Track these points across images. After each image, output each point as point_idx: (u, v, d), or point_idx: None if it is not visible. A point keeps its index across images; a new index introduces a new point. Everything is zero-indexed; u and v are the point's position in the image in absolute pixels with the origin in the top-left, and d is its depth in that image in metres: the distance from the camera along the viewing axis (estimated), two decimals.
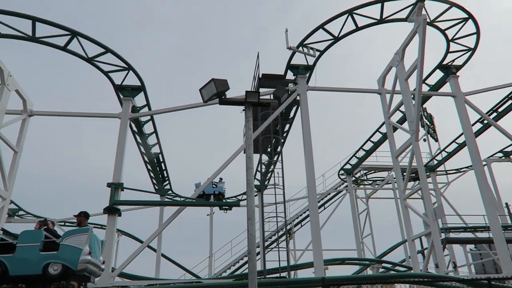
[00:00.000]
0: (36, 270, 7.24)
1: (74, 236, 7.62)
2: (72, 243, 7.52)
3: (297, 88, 13.44)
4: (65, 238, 7.58)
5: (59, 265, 7.23)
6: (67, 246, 7.47)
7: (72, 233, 7.67)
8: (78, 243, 7.54)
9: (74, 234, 7.66)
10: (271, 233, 21.61)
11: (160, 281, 11.74)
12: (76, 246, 7.50)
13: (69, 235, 7.64)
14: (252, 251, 7.59)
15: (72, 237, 7.61)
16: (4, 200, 11.94)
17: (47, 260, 7.28)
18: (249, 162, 8.20)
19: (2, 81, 11.39)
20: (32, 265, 7.30)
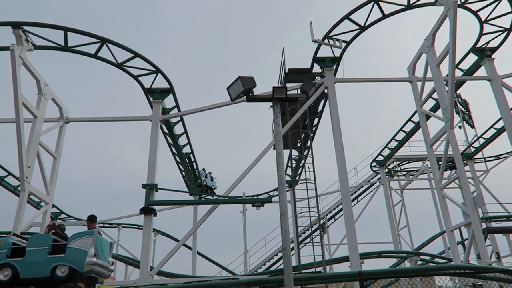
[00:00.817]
0: (45, 273, 7.54)
1: (80, 239, 7.85)
2: (78, 246, 7.76)
3: (324, 81, 13.29)
4: (72, 241, 7.86)
5: (66, 268, 7.52)
6: (73, 249, 7.72)
7: (78, 236, 7.93)
8: (84, 245, 7.77)
9: (80, 237, 7.91)
10: (304, 228, 21.50)
11: (197, 279, 11.96)
12: (82, 248, 7.72)
13: (75, 238, 7.91)
14: (287, 246, 7.59)
15: (78, 240, 7.85)
16: (47, 205, 12.49)
17: (55, 263, 7.57)
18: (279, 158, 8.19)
19: (39, 91, 11.91)
20: (41, 268, 7.60)
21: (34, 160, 11.53)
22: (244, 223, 23.55)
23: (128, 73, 12.88)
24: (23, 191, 11.10)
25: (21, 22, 10.81)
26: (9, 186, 18.00)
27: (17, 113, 10.69)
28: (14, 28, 10.77)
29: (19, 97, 10.66)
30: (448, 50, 11.67)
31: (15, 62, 10.51)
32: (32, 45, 11.31)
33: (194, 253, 20.05)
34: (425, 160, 23.02)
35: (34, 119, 11.72)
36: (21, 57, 10.79)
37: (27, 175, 11.09)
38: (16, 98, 10.63)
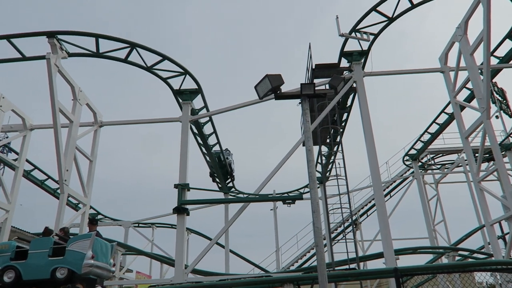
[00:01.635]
0: (45, 275, 7.81)
1: (78, 241, 8.12)
2: (77, 249, 8.00)
3: (352, 75, 13.09)
4: (71, 243, 8.13)
5: (66, 269, 7.77)
6: (72, 251, 7.97)
7: (77, 239, 8.26)
8: (82, 248, 7.99)
9: (79, 240, 8.19)
10: (336, 225, 21.32)
11: (231, 276, 12.09)
12: (80, 251, 7.96)
13: (74, 241, 8.19)
14: (319, 243, 7.54)
15: (76, 243, 8.10)
16: (84, 206, 12.96)
17: (54, 265, 7.83)
18: (309, 154, 8.15)
19: (74, 97, 12.36)
20: (41, 270, 7.88)
21: (71, 164, 11.98)
22: (275, 220, 23.57)
23: (158, 75, 13.14)
24: (62, 193, 11.56)
25: (56, 32, 11.25)
26: (49, 189, 18.77)
27: (54, 119, 11.14)
28: (49, 38, 11.22)
29: (56, 104, 11.11)
30: (482, 37, 11.22)
31: (51, 70, 10.95)
32: (66, 53, 11.75)
33: (227, 251, 20.27)
34: (460, 153, 22.25)
35: (70, 124, 12.17)
36: (56, 65, 11.23)
37: (66, 178, 11.54)
38: (53, 105, 11.08)
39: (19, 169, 13.53)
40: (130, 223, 22.46)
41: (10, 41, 11.55)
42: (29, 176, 17.18)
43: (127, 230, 22.12)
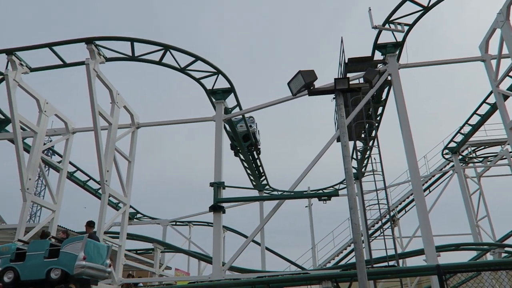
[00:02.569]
0: (41, 275, 8.25)
1: (72, 243, 8.56)
2: (70, 250, 8.48)
3: (387, 67, 12.78)
4: (65, 245, 8.59)
5: (59, 270, 8.21)
6: (65, 253, 8.43)
7: (71, 241, 8.70)
8: (74, 250, 8.45)
9: (72, 242, 8.65)
10: (373, 221, 20.90)
11: (268, 273, 12.13)
12: (72, 252, 8.41)
13: (68, 243, 8.65)
14: (358, 240, 7.44)
15: (70, 245, 8.56)
16: (125, 205, 13.38)
17: (49, 266, 8.29)
18: (345, 150, 8.03)
19: (112, 100, 12.78)
20: (38, 271, 8.34)
21: (111, 165, 12.40)
22: (311, 217, 23.43)
23: (191, 76, 13.35)
24: (103, 193, 11.99)
25: (93, 38, 11.67)
26: (91, 190, 19.56)
27: (94, 122, 11.57)
28: (88, 44, 11.65)
29: (95, 107, 11.53)
30: None
31: (90, 75, 11.38)
32: (103, 58, 12.16)
33: (263, 248, 20.37)
34: (504, 144, 21.22)
35: (110, 127, 12.60)
36: (95, 70, 11.65)
37: (107, 178, 11.96)
38: (93, 108, 11.51)
39: (63, 171, 14.16)
40: (167, 222, 22.99)
41: (52, 48, 12.09)
42: (72, 178, 17.96)
43: (165, 228, 22.66)
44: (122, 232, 13.06)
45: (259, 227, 13.09)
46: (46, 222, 12.81)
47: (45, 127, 13.42)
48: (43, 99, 13.22)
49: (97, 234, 11.56)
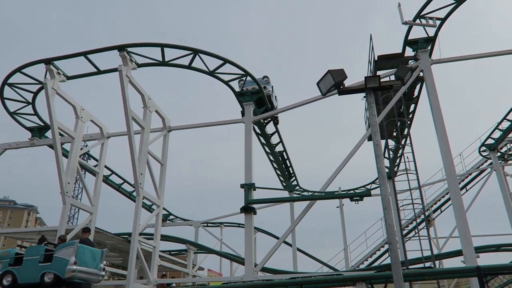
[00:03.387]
0: (36, 279, 8.71)
1: (64, 249, 9.03)
2: (62, 255, 8.93)
3: (419, 64, 12.46)
4: (58, 251, 9.05)
5: (52, 274, 8.68)
6: (58, 258, 8.90)
7: (63, 246, 9.16)
8: (66, 255, 8.89)
9: (64, 247, 9.10)
10: (407, 222, 20.40)
11: (301, 274, 12.08)
12: (64, 257, 8.83)
13: (60, 248, 9.13)
14: (393, 241, 7.30)
15: (62, 250, 9.03)
16: (158, 207, 13.68)
17: (43, 270, 8.80)
18: (377, 149, 7.91)
19: (144, 105, 13.11)
20: (33, 275, 8.84)
21: (145, 168, 12.71)
22: (342, 217, 23.13)
23: (220, 79, 13.50)
24: (138, 196, 12.31)
25: (125, 45, 12.02)
26: (125, 192, 20.12)
27: (128, 126, 11.91)
28: (120, 51, 12.01)
29: (129, 112, 11.87)
30: None
31: (123, 81, 11.72)
32: (135, 64, 12.50)
33: (294, 249, 20.30)
34: None
35: (142, 131, 12.92)
36: (127, 76, 11.99)
37: (140, 181, 12.28)
38: (126, 113, 11.85)
39: (99, 174, 14.63)
40: (199, 223, 23.33)
41: (87, 57, 12.53)
42: (108, 181, 18.54)
43: (197, 230, 23.01)
44: (156, 234, 13.35)
45: (291, 228, 13.06)
46: (85, 223, 13.26)
47: (81, 133, 13.93)
48: (79, 106, 13.73)
49: (133, 235, 11.91)
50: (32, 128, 15.63)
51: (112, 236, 15.36)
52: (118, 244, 16.63)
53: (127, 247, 15.95)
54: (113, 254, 18.69)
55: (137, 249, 11.75)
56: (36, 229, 15.90)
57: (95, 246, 10.29)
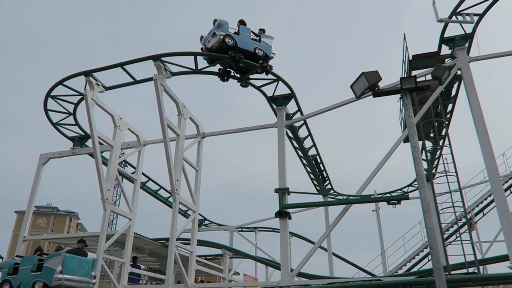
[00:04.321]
0: (28, 287, 9.46)
1: (52, 259, 9.75)
2: (50, 265, 9.61)
3: (456, 62, 12.07)
4: (47, 260, 9.73)
5: (42, 283, 9.45)
6: (47, 267, 9.62)
7: (52, 256, 9.88)
8: (53, 264, 9.56)
9: (52, 257, 9.82)
10: (448, 225, 19.67)
11: (339, 280, 11.91)
12: (51, 267, 9.60)
13: (49, 258, 9.87)
14: (434, 245, 7.11)
15: (51, 260, 9.74)
16: (194, 213, 13.91)
17: (34, 279, 9.56)
18: (415, 151, 7.74)
19: (179, 112, 13.41)
20: (26, 283, 9.62)
21: (180, 174, 12.98)
22: (379, 222, 22.62)
23: (252, 85, 13.61)
24: (174, 201, 12.57)
25: (160, 55, 12.36)
26: (161, 198, 20.60)
27: (164, 133, 12.21)
28: (155, 61, 12.35)
29: (164, 120, 12.18)
30: None
31: (158, 90, 12.05)
32: (169, 73, 12.82)
33: (330, 254, 20.04)
34: None
35: (177, 138, 13.21)
36: (162, 85, 12.31)
37: (177, 187, 12.54)
38: (162, 121, 12.17)
39: (137, 181, 15.06)
40: (234, 228, 23.51)
41: (123, 67, 12.98)
42: (145, 187, 19.05)
43: (231, 234, 23.19)
44: (192, 239, 13.58)
45: (326, 232, 12.94)
46: (124, 229, 13.67)
47: (120, 141, 14.41)
48: (117, 115, 14.22)
49: (170, 241, 12.16)
50: (73, 138, 16.33)
51: (150, 241, 15.75)
52: (155, 249, 17.03)
53: (164, 252, 16.32)
54: (151, 259, 19.16)
55: (174, 254, 11.99)
56: (78, 235, 16.52)
57: (87, 256, 11.38)
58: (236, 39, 12.11)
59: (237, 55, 11.93)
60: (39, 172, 15.74)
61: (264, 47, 12.39)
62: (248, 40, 12.32)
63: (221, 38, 11.93)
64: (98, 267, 11.42)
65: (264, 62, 12.21)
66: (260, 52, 12.20)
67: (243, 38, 12.28)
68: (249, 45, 12.24)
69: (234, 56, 11.88)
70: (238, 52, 11.97)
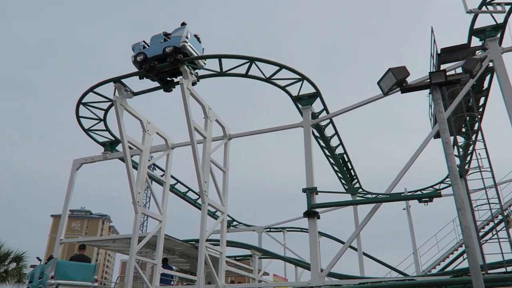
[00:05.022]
0: None
1: (49, 266, 10.82)
2: (47, 271, 10.69)
3: (488, 54, 11.67)
4: (46, 268, 10.96)
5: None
6: (45, 274, 10.79)
7: (49, 264, 10.97)
8: (49, 271, 10.60)
9: (49, 265, 10.92)
10: (483, 223, 19.02)
11: (370, 279, 11.73)
12: (47, 273, 10.60)
13: (48, 265, 10.97)
14: (470, 244, 6.91)
15: (48, 267, 10.82)
16: (222, 214, 14.04)
17: (39, 285, 10.82)
18: (447, 147, 7.55)
19: (205, 115, 13.57)
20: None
21: (208, 176, 13.13)
22: (410, 220, 22.11)
23: (276, 85, 13.60)
24: (203, 203, 12.73)
25: (185, 59, 12.54)
26: (190, 200, 20.89)
27: (191, 136, 12.40)
28: (181, 65, 12.55)
29: (191, 123, 12.36)
30: None
31: (185, 93, 12.23)
32: (195, 76, 13.00)
33: (360, 253, 19.73)
34: None
35: (204, 140, 13.38)
36: (188, 89, 12.50)
37: (205, 189, 12.70)
38: (189, 124, 12.35)
39: (166, 184, 15.35)
40: (262, 228, 23.54)
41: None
42: (174, 189, 19.37)
43: (260, 235, 23.23)
44: (222, 240, 13.70)
45: (356, 232, 12.73)
46: (155, 231, 13.96)
47: (149, 145, 14.73)
48: (146, 120, 14.55)
49: (200, 242, 12.30)
50: (104, 143, 16.81)
51: (180, 243, 16.00)
52: (186, 250, 17.29)
53: (194, 253, 16.55)
54: (181, 260, 19.45)
55: (205, 255, 12.13)
56: (111, 237, 16.99)
57: (90, 261, 12.45)
58: (146, 51, 12.68)
59: (147, 66, 12.48)
60: (72, 177, 16.27)
61: (172, 42, 12.42)
62: (157, 46, 12.64)
63: (133, 60, 12.86)
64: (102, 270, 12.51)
65: (172, 57, 12.23)
66: (169, 49, 12.26)
67: (152, 47, 12.76)
68: (158, 50, 12.54)
69: (146, 68, 12.47)
70: (149, 63, 12.48)
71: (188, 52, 12.45)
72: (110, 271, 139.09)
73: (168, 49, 12.29)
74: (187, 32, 12.52)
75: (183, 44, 12.29)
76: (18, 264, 22.81)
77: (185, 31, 12.49)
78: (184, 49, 12.31)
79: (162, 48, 12.42)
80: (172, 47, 12.27)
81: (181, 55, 12.28)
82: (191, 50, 12.54)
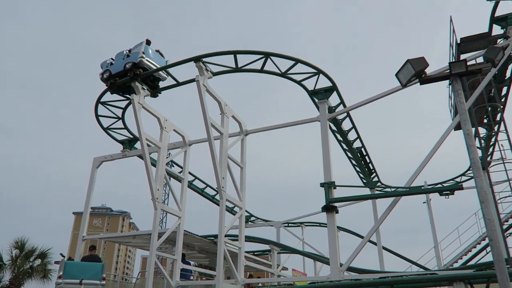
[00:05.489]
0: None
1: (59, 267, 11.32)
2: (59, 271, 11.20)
3: (510, 42, 11.34)
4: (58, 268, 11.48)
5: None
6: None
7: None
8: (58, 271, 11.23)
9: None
10: (507, 215, 18.59)
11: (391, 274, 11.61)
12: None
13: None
14: (494, 237, 6.77)
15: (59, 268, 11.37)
16: (240, 209, 14.09)
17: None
18: (469, 139, 7.40)
19: (221, 111, 13.62)
20: None
21: (226, 172, 13.18)
22: (430, 214, 21.77)
23: (292, 79, 13.53)
24: (221, 199, 12.80)
25: (201, 56, 12.60)
26: (208, 196, 21.05)
27: (208, 133, 12.46)
28: (196, 62, 12.62)
29: (208, 120, 12.42)
30: None
31: (201, 90, 12.30)
32: (211, 73, 13.04)
33: (379, 248, 19.55)
34: None
35: (221, 136, 13.42)
36: (204, 85, 12.55)
37: (223, 185, 12.75)
38: (206, 121, 12.42)
39: (184, 180, 15.49)
40: (280, 223, 23.56)
41: (166, 70, 13.36)
42: (192, 186, 19.54)
43: (278, 230, 23.24)
44: (240, 235, 13.76)
45: (375, 226, 12.61)
46: (174, 227, 14.12)
47: (166, 142, 14.88)
48: (163, 117, 14.69)
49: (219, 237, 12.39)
50: (123, 141, 17.06)
51: (199, 238, 16.16)
52: (205, 245, 17.45)
53: (213, 249, 16.69)
54: (200, 255, 19.66)
55: (223, 250, 12.22)
56: (131, 233, 17.30)
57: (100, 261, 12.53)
58: (110, 68, 13.66)
59: (109, 81, 13.56)
60: (93, 175, 16.58)
61: (131, 58, 13.38)
62: (119, 62, 13.58)
63: (100, 77, 13.85)
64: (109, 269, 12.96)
65: (131, 72, 13.13)
66: (129, 64, 13.23)
67: (115, 64, 13.71)
68: (119, 66, 13.48)
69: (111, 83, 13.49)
70: (113, 79, 13.53)
71: (146, 66, 13.33)
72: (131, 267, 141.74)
73: (128, 65, 13.21)
74: (144, 47, 13.45)
75: (140, 60, 13.20)
76: (43, 260, 23.49)
77: (142, 47, 13.43)
78: (141, 64, 13.21)
79: (123, 64, 13.35)
80: (131, 63, 13.21)
81: (141, 69, 13.16)
82: (150, 65, 13.42)
